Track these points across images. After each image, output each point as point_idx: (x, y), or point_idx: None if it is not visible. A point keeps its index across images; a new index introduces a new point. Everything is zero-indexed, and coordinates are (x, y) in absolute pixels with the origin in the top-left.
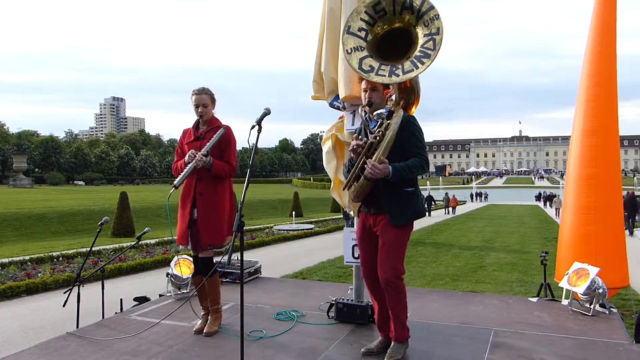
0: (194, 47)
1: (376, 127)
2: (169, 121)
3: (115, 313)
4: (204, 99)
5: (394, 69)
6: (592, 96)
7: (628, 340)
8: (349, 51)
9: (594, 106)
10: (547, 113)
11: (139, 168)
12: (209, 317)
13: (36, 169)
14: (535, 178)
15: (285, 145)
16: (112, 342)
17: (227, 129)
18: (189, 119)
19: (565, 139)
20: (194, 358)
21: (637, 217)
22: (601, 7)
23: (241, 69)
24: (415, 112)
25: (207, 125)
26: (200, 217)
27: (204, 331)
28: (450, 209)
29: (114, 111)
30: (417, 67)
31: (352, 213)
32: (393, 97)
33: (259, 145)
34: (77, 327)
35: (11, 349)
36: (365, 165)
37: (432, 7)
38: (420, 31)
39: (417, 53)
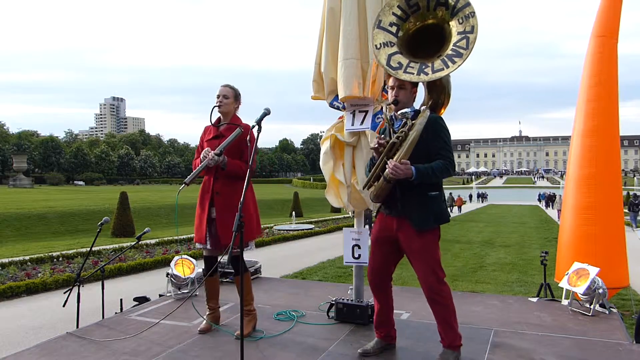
0: (194, 47)
1: (400, 127)
2: (169, 121)
3: (115, 313)
4: (227, 91)
5: (424, 67)
6: (593, 96)
7: (628, 340)
8: (378, 46)
9: (595, 106)
10: (547, 113)
11: (139, 168)
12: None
13: (36, 169)
14: (535, 178)
15: (285, 145)
16: (112, 342)
17: (246, 128)
18: (189, 119)
19: (565, 139)
20: (194, 358)
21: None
22: (606, 8)
23: (241, 69)
24: (444, 113)
25: (226, 120)
26: (218, 216)
27: (238, 332)
28: (456, 208)
29: (114, 111)
30: (447, 66)
31: (351, 213)
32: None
33: (259, 145)
34: (77, 327)
35: (11, 349)
36: (387, 165)
37: (468, 4)
38: (454, 29)
39: (449, 51)
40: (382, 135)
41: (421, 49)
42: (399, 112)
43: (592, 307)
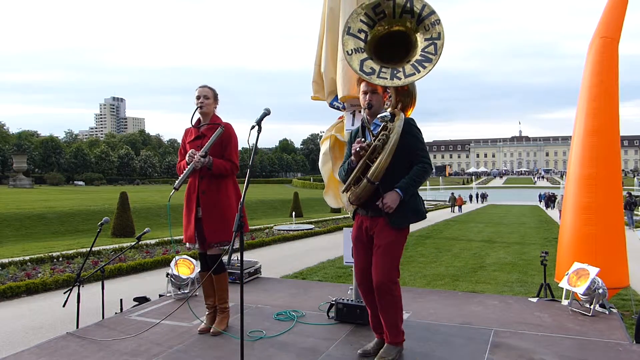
0: (194, 47)
1: (380, 130)
2: (169, 121)
3: (115, 313)
4: (206, 91)
5: (395, 72)
6: (594, 96)
7: (628, 340)
8: (349, 52)
9: (595, 106)
10: (547, 113)
11: (139, 168)
12: (217, 316)
13: (36, 169)
14: (535, 178)
15: (285, 146)
16: (112, 342)
17: (227, 127)
18: (189, 119)
19: (565, 139)
20: (194, 358)
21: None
22: (612, 9)
23: (241, 69)
24: (411, 114)
25: (207, 120)
26: (204, 215)
27: (211, 331)
28: (457, 207)
29: (114, 111)
30: (418, 71)
31: (350, 214)
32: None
33: (259, 146)
34: (77, 327)
35: (11, 349)
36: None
37: (432, 12)
38: (420, 35)
39: (417, 57)
40: (361, 139)
41: (388, 55)
42: (379, 116)
43: (592, 307)
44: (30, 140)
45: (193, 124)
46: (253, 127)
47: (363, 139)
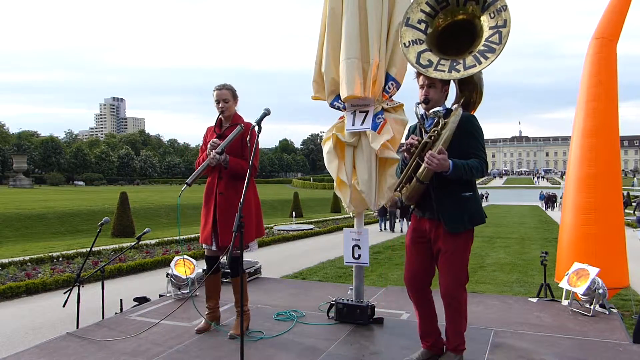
0: (194, 47)
1: (432, 126)
2: (169, 121)
3: (115, 313)
4: (225, 94)
5: (455, 64)
6: (593, 96)
7: (628, 340)
8: (407, 44)
9: (595, 106)
10: (547, 113)
11: (139, 168)
12: (236, 318)
13: (36, 170)
14: (535, 178)
15: (285, 146)
16: (112, 342)
17: (247, 126)
18: (189, 119)
19: (565, 139)
20: (194, 358)
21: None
22: (613, 11)
23: (241, 69)
24: (477, 112)
25: (229, 122)
26: (219, 217)
27: (232, 331)
28: None
29: (114, 111)
30: (480, 63)
31: (352, 213)
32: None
33: (259, 146)
34: (77, 327)
35: (11, 349)
36: (421, 163)
37: None
38: (485, 23)
39: (480, 47)
40: (413, 135)
41: (451, 46)
42: (430, 111)
43: (592, 307)
44: (30, 140)
45: (216, 129)
46: (253, 127)
47: (414, 135)
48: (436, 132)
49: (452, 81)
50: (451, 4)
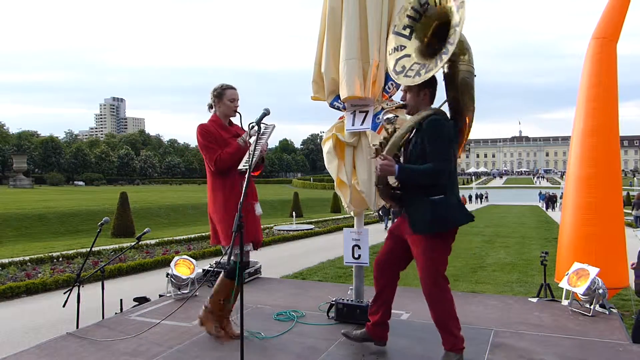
0: (194, 47)
1: (389, 127)
2: (169, 121)
3: (115, 313)
4: (238, 94)
5: (422, 68)
6: (593, 96)
7: (628, 340)
8: (390, 52)
9: (595, 106)
10: (547, 113)
11: (139, 168)
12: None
13: (36, 170)
14: (535, 178)
15: (285, 146)
16: (112, 342)
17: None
18: (190, 119)
19: (565, 139)
20: (194, 358)
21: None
22: (612, 10)
23: (241, 69)
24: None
25: (230, 123)
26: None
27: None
28: None
29: (114, 111)
30: (436, 65)
31: (352, 213)
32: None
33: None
34: (77, 327)
35: (11, 349)
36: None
37: None
38: (453, 21)
39: (443, 48)
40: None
41: (433, 49)
42: (384, 117)
43: (592, 307)
44: (30, 140)
45: (243, 126)
46: (253, 126)
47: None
48: (387, 138)
49: (442, 82)
50: (431, 3)
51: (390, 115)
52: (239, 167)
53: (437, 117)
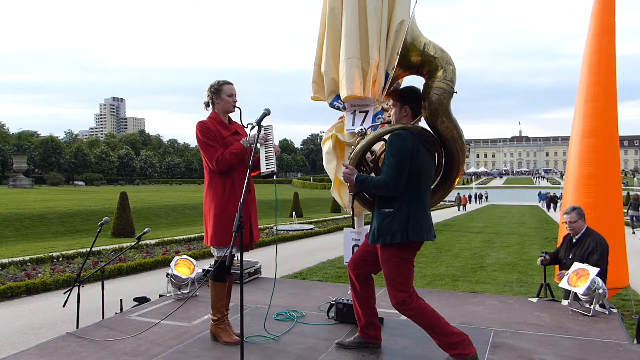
0: (194, 47)
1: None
2: (169, 121)
3: (115, 313)
4: (235, 89)
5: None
6: (592, 96)
7: (628, 340)
8: (393, 67)
9: (594, 106)
10: (547, 113)
11: (139, 168)
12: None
13: (36, 170)
14: (535, 178)
15: (285, 146)
16: (112, 342)
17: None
18: (189, 119)
19: (565, 139)
20: (194, 358)
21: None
22: (600, 8)
23: (241, 69)
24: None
25: (229, 119)
26: (252, 215)
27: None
28: (462, 206)
29: (114, 111)
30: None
31: (351, 213)
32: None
33: (259, 146)
34: (77, 327)
35: (11, 349)
36: None
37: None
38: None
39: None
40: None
41: None
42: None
43: (592, 307)
44: (30, 140)
45: (243, 123)
46: (253, 127)
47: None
48: (357, 143)
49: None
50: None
51: (360, 128)
52: (263, 171)
53: (398, 133)
